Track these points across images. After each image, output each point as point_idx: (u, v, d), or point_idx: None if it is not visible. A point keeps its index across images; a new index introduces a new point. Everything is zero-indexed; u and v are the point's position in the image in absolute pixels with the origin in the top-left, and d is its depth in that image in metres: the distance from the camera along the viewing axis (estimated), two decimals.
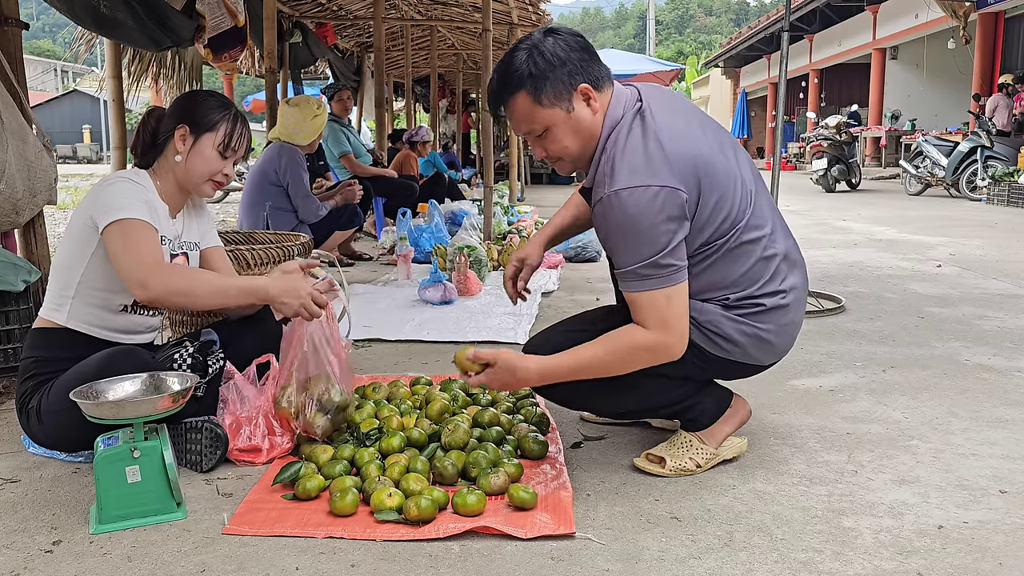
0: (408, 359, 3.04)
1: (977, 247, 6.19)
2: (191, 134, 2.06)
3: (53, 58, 44.19)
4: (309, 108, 4.70)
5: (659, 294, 1.71)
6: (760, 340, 1.86)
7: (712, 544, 1.60)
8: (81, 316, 2.01)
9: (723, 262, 1.81)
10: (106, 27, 4.11)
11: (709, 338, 1.83)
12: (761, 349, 1.87)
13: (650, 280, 1.71)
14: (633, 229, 1.68)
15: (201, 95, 2.14)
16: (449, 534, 1.61)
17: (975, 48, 14.84)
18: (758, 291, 1.84)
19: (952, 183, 11.25)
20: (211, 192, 2.12)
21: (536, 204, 10.01)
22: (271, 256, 2.68)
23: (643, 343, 1.74)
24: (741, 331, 1.84)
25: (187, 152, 2.06)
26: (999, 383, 2.69)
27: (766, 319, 1.85)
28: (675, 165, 1.71)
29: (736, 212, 1.80)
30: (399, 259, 4.77)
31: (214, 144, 2.06)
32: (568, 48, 1.76)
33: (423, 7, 9.02)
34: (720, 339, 1.83)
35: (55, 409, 1.89)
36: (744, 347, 1.85)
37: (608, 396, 1.92)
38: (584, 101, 1.78)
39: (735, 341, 1.84)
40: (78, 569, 1.51)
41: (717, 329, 1.83)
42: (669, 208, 1.68)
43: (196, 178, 2.07)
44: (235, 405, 2.04)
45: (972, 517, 1.72)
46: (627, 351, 1.75)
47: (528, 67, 1.74)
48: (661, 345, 1.73)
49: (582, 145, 1.81)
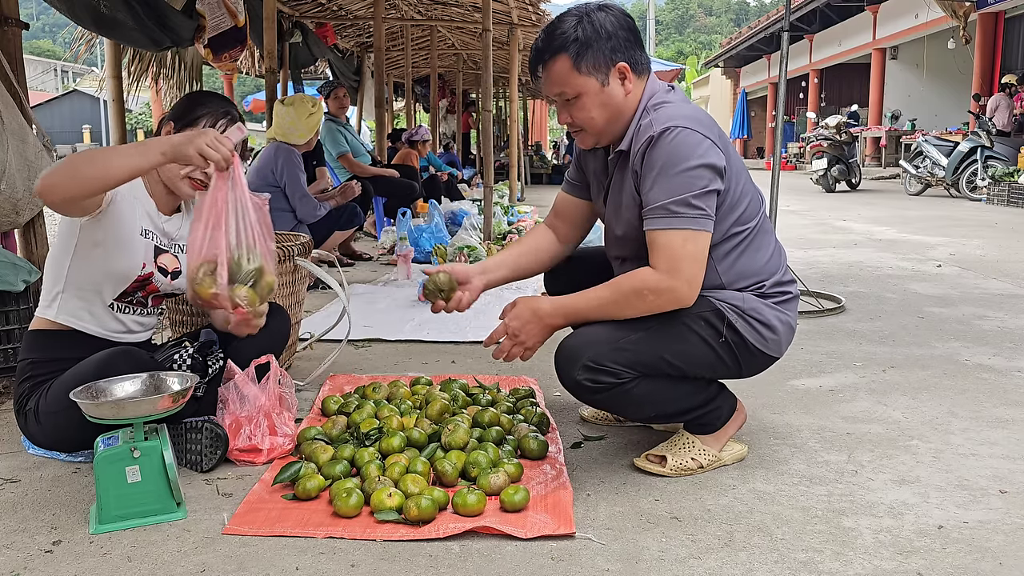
0: (408, 359, 3.04)
1: (977, 247, 6.18)
2: (174, 130, 2.02)
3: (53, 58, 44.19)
4: (304, 106, 4.69)
5: (677, 235, 1.74)
6: (790, 329, 1.93)
7: (712, 544, 1.60)
8: (71, 311, 1.99)
9: (751, 249, 1.88)
10: (106, 27, 4.11)
11: (753, 327, 1.85)
12: (788, 338, 1.94)
13: (676, 218, 1.74)
14: (675, 164, 1.75)
15: (199, 94, 2.12)
16: (449, 534, 1.61)
17: (975, 48, 14.84)
18: (782, 279, 1.93)
19: (952, 183, 11.25)
20: (189, 191, 2.04)
21: (536, 204, 10.01)
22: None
23: (650, 284, 1.76)
24: (779, 318, 1.89)
25: None
26: (999, 383, 2.69)
27: (791, 307, 1.93)
28: (714, 132, 1.81)
29: (755, 202, 1.90)
30: (399, 259, 4.77)
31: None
32: (617, 25, 1.83)
33: (423, 7, 9.02)
34: (763, 327, 1.86)
35: (53, 410, 1.89)
36: (780, 336, 1.90)
37: (644, 403, 1.88)
38: (620, 79, 1.84)
39: (774, 328, 1.88)
40: (78, 569, 1.51)
41: (761, 317, 1.86)
42: (711, 157, 1.76)
43: (172, 174, 2.01)
44: (235, 405, 2.04)
45: (972, 517, 1.72)
46: (633, 291, 1.78)
47: (576, 32, 1.80)
48: (667, 287, 1.75)
49: (607, 120, 1.87)
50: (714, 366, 1.88)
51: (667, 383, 1.86)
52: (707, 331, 1.84)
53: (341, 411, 2.27)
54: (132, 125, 30.30)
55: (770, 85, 25.91)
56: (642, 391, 1.83)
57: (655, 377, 1.84)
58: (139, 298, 2.07)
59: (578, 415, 2.36)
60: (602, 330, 1.82)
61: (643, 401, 1.86)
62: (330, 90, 6.50)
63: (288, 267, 2.74)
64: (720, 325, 1.84)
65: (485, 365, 2.93)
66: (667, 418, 2.02)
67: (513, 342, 1.88)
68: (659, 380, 1.85)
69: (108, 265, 1.97)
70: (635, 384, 1.81)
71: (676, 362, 1.83)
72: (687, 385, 1.90)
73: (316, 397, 2.52)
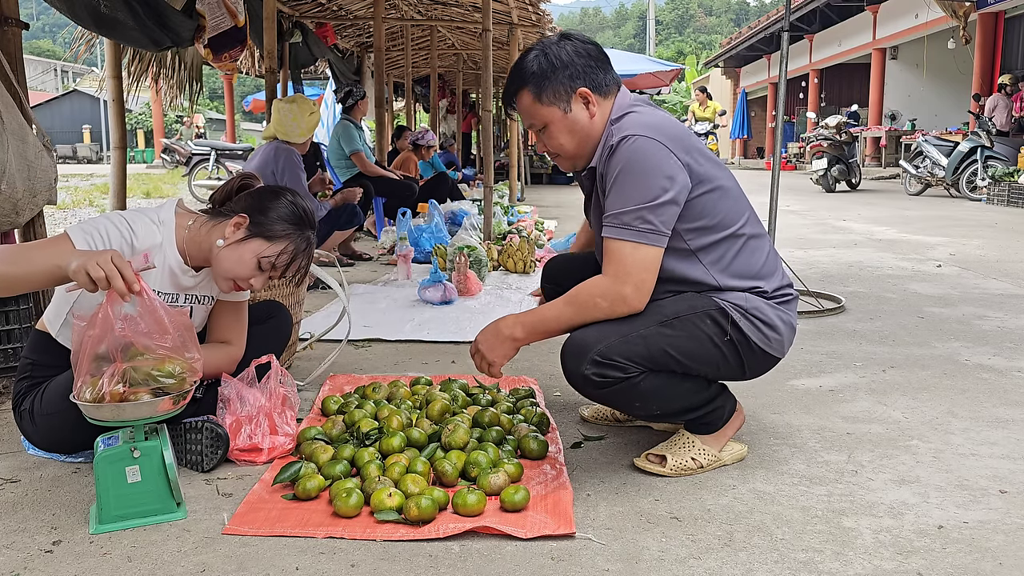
0: (408, 359, 3.04)
1: (977, 247, 6.18)
2: (246, 230, 1.92)
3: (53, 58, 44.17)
4: (306, 105, 4.70)
5: (627, 245, 1.78)
6: (792, 329, 1.95)
7: (712, 544, 1.60)
8: (67, 336, 1.92)
9: (747, 251, 1.90)
10: (106, 27, 4.11)
11: (756, 327, 1.87)
12: (789, 338, 1.96)
13: (626, 230, 1.78)
14: (632, 172, 1.78)
15: (287, 200, 1.98)
16: (449, 534, 1.61)
17: (975, 48, 14.84)
18: (781, 283, 1.95)
19: (952, 183, 11.25)
20: (227, 289, 1.96)
21: (536, 204, 10.02)
22: None
23: (600, 290, 1.81)
24: (780, 318, 1.91)
25: (229, 243, 1.91)
26: (999, 383, 2.69)
27: (792, 308, 1.96)
28: (679, 142, 1.83)
29: (737, 207, 1.92)
30: (399, 259, 4.77)
31: (259, 253, 1.91)
32: (574, 53, 1.88)
33: (423, 7, 9.02)
34: (766, 327, 1.88)
35: (47, 412, 1.89)
36: (782, 335, 1.92)
37: (650, 399, 1.88)
38: (583, 103, 1.89)
39: (777, 328, 1.90)
40: (78, 569, 1.51)
41: (763, 316, 1.88)
42: (669, 168, 1.79)
43: (221, 271, 1.93)
44: (236, 405, 2.04)
45: (972, 517, 1.72)
46: (585, 298, 1.83)
47: (534, 66, 1.88)
48: (615, 293, 1.79)
49: (577, 144, 1.93)
50: (719, 364, 1.89)
51: (672, 380, 1.87)
52: (712, 329, 1.85)
53: (341, 411, 2.27)
54: (132, 125, 30.29)
55: (770, 85, 25.91)
56: (648, 387, 1.83)
57: (660, 373, 1.84)
58: None
59: (578, 415, 2.36)
60: (609, 326, 1.82)
61: (648, 397, 1.86)
62: (359, 99, 6.39)
63: None
64: (725, 323, 1.85)
65: None
66: (670, 416, 2.02)
67: (480, 358, 1.96)
68: (664, 376, 1.85)
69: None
70: (642, 379, 1.81)
71: (682, 359, 1.84)
72: (691, 383, 1.91)
73: (316, 397, 2.52)
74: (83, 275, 1.58)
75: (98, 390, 1.61)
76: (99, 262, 1.58)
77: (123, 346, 1.63)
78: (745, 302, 1.87)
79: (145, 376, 1.65)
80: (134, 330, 1.64)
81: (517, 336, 1.92)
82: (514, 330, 1.91)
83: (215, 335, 2.13)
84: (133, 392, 1.63)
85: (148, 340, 1.65)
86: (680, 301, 1.87)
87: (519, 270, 4.94)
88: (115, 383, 1.61)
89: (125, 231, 1.85)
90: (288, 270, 1.98)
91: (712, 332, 1.85)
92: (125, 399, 1.62)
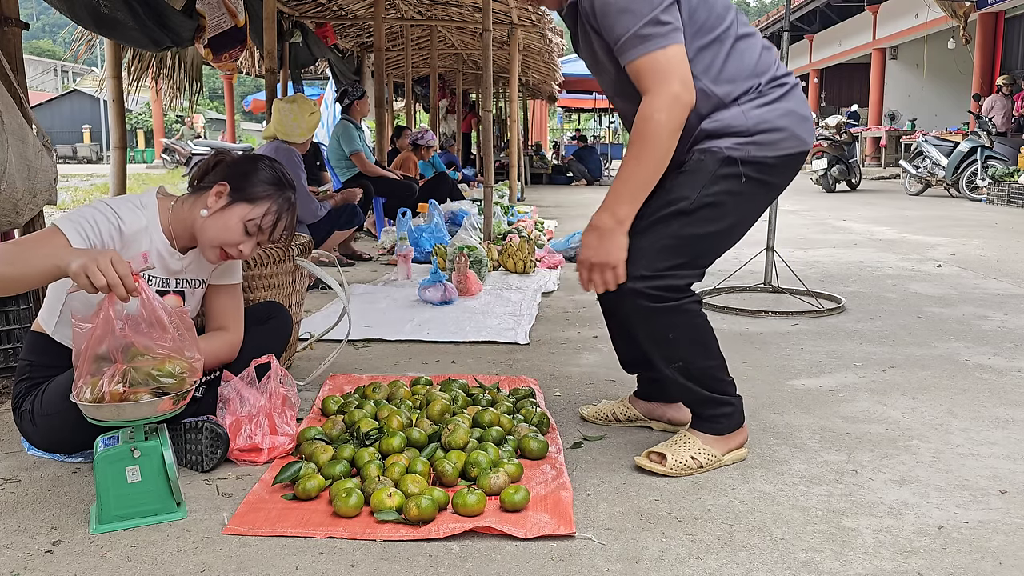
0: (408, 359, 3.03)
1: (977, 247, 6.18)
2: (227, 196, 1.94)
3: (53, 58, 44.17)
4: (307, 105, 4.70)
5: (659, 54, 1.75)
6: (797, 115, 1.89)
7: (712, 544, 1.60)
8: (64, 334, 1.95)
9: (736, 53, 1.86)
10: (106, 27, 4.11)
11: (764, 143, 1.84)
12: (803, 126, 1.90)
13: (650, 40, 1.74)
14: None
15: (264, 164, 2.02)
16: (449, 534, 1.61)
17: (975, 48, 14.84)
18: (777, 73, 1.91)
19: (952, 183, 11.25)
20: (215, 259, 1.97)
21: (536, 204, 10.02)
22: (271, 256, 2.68)
23: (649, 109, 1.75)
24: (781, 113, 1.87)
25: (213, 211, 1.93)
26: (999, 383, 2.69)
27: (793, 96, 1.91)
28: None
29: (722, 6, 1.88)
30: (399, 259, 4.77)
31: (243, 217, 1.94)
32: None
33: (423, 7, 9.02)
34: (776, 133, 1.85)
35: (47, 412, 1.89)
36: (791, 129, 1.87)
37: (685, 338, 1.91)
38: None
39: (782, 128, 1.86)
40: (78, 569, 1.51)
41: (767, 125, 1.85)
42: None
43: (208, 240, 1.94)
44: (235, 405, 2.04)
45: (972, 517, 1.72)
46: (642, 126, 1.76)
47: None
48: (666, 97, 1.74)
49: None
50: (754, 205, 1.89)
51: (710, 336, 1.93)
52: (730, 183, 1.84)
53: (341, 411, 2.27)
54: (132, 125, 30.28)
55: None
56: (690, 322, 1.88)
57: (702, 320, 1.91)
58: None
59: (578, 415, 2.36)
60: (638, 243, 1.83)
61: (686, 335, 1.89)
62: (357, 97, 6.39)
63: (288, 267, 2.74)
64: (737, 168, 1.84)
65: (485, 365, 2.93)
66: (691, 376, 1.95)
67: (599, 272, 1.83)
68: (705, 326, 1.92)
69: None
70: (690, 305, 1.87)
71: (722, 228, 1.86)
72: (721, 358, 1.96)
73: (316, 397, 2.52)
74: (84, 278, 1.58)
75: (98, 390, 1.62)
76: (100, 267, 1.57)
77: (123, 346, 1.63)
78: (745, 120, 1.84)
79: (145, 376, 1.64)
80: (135, 330, 1.64)
81: (607, 221, 1.80)
82: (608, 217, 1.80)
83: (212, 323, 2.14)
84: (133, 392, 1.63)
85: (148, 340, 1.65)
86: (684, 182, 1.85)
87: (519, 270, 4.94)
88: (115, 383, 1.61)
89: (112, 218, 1.86)
90: (275, 232, 2.00)
91: (731, 186, 1.84)
92: (125, 399, 1.63)
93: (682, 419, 2.21)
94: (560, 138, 28.70)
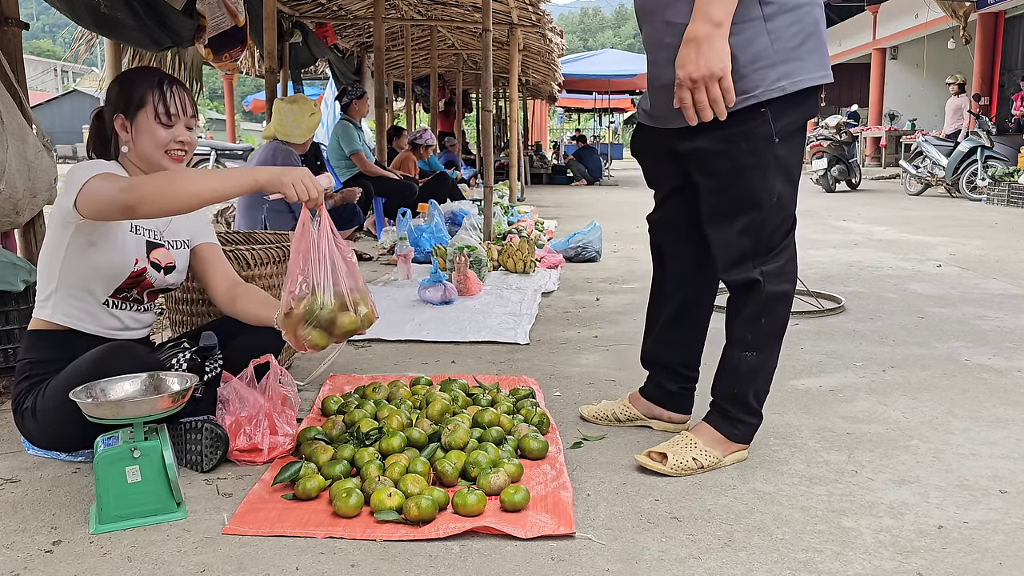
0: (408, 359, 3.03)
1: (977, 247, 6.19)
2: (127, 119, 2.01)
3: (53, 58, 44.16)
4: (307, 105, 4.70)
5: None
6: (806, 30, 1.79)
7: (712, 544, 1.60)
8: (65, 310, 1.99)
9: None
10: (106, 27, 4.11)
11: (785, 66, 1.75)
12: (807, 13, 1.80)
13: None
14: None
15: (125, 76, 2.08)
16: (449, 534, 1.61)
17: (975, 48, 14.84)
18: None
19: (952, 183, 11.25)
20: (173, 165, 2.05)
21: (536, 204, 10.02)
22: (271, 256, 2.68)
23: None
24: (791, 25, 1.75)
25: (131, 137, 2.02)
26: (999, 383, 2.69)
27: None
28: None
29: None
30: (399, 259, 4.77)
31: (151, 117, 2.01)
32: None
33: (423, 7, 9.02)
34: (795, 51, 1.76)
35: (50, 407, 1.89)
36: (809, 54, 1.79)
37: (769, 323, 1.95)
38: None
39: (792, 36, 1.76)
40: (78, 569, 1.51)
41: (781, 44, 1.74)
42: None
43: (151, 156, 2.02)
44: (235, 406, 2.04)
45: (972, 517, 1.72)
46: None
47: None
48: None
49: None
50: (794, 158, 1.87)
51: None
52: (773, 149, 1.81)
53: (341, 411, 2.27)
54: None
55: None
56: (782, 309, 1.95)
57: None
58: (134, 295, 2.07)
59: (578, 415, 2.36)
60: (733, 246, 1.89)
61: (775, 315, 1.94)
62: (356, 97, 6.40)
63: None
64: (769, 126, 1.78)
65: (485, 365, 2.93)
66: (753, 371, 1.97)
67: (695, 90, 1.69)
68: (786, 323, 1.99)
69: (100, 262, 1.97)
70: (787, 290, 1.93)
71: (784, 190, 1.87)
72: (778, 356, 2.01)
73: (316, 397, 2.52)
74: (293, 189, 1.82)
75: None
76: (305, 181, 1.83)
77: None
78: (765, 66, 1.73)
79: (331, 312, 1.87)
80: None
81: (714, 19, 1.64)
82: (702, 23, 1.65)
83: (225, 282, 2.22)
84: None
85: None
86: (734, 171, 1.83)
87: (519, 270, 4.94)
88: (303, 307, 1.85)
89: (103, 165, 1.95)
90: (179, 101, 2.03)
91: (774, 152, 1.81)
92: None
93: (682, 420, 2.21)
94: (560, 138, 28.68)
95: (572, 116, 39.16)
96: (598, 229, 5.72)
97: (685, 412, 2.22)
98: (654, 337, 2.23)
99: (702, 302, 2.17)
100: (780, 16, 1.75)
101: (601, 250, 5.67)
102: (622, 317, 3.73)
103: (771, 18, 1.74)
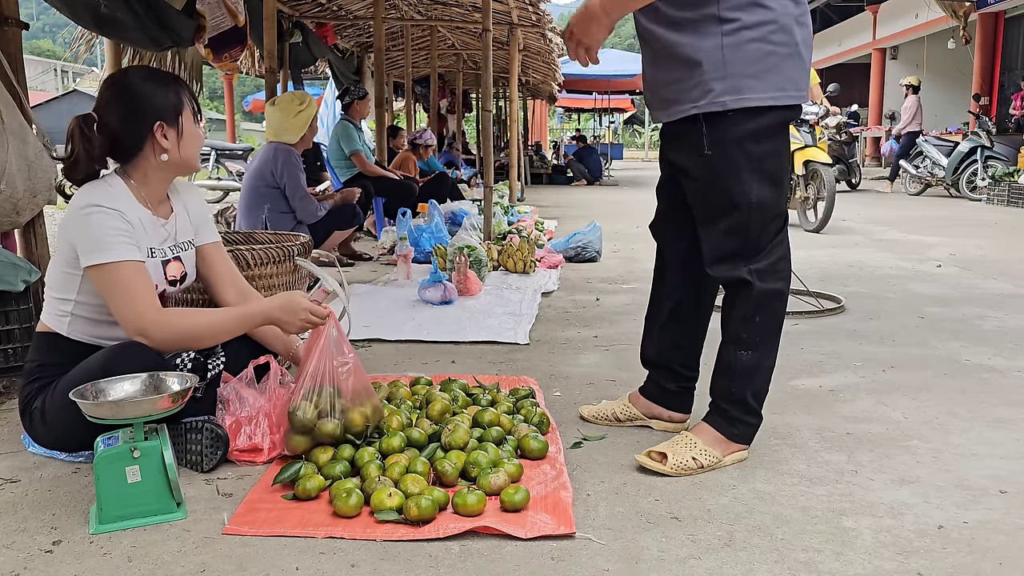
0: (408, 359, 3.03)
1: (977, 247, 6.18)
2: (170, 126, 2.01)
3: (53, 58, 44.11)
4: (291, 105, 4.68)
5: None
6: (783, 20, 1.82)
7: (712, 544, 1.60)
8: (83, 329, 2.00)
9: None
10: (106, 27, 4.11)
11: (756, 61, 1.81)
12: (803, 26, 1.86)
13: None
14: None
15: (134, 86, 2.00)
16: (449, 534, 1.61)
17: (975, 48, 14.85)
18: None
19: (952, 183, 11.25)
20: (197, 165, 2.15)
21: (536, 204, 10.02)
22: (271, 256, 2.68)
23: None
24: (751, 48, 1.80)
25: (176, 143, 2.02)
26: (999, 383, 2.69)
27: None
28: None
29: None
30: (399, 259, 4.77)
31: (192, 119, 2.06)
32: None
33: (423, 7, 9.02)
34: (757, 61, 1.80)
35: (59, 406, 1.88)
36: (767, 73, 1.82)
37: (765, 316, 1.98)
38: None
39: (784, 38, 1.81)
40: (78, 569, 1.51)
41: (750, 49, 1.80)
42: None
43: (192, 158, 2.07)
44: (235, 406, 2.04)
45: (972, 517, 1.72)
46: None
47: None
48: None
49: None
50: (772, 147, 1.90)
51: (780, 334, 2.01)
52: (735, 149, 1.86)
53: None
54: None
55: None
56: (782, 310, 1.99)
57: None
58: None
59: (578, 415, 2.36)
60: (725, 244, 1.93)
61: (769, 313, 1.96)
62: (358, 97, 6.39)
63: (288, 267, 2.74)
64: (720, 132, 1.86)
65: (485, 365, 2.93)
66: (749, 369, 1.98)
67: (575, 43, 1.93)
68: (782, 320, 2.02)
69: None
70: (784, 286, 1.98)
71: (762, 192, 1.89)
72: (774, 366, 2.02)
73: None
74: (303, 326, 2.02)
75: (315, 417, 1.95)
76: (306, 319, 2.01)
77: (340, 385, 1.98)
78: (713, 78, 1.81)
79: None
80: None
81: (606, 9, 1.86)
82: (598, 5, 1.86)
83: (228, 286, 2.23)
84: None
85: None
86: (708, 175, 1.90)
87: (519, 270, 4.94)
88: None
89: (113, 215, 1.92)
90: (194, 100, 2.10)
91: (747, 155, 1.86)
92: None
93: (682, 419, 2.21)
94: (560, 138, 28.68)
95: (572, 116, 39.16)
96: (598, 229, 5.73)
97: (685, 411, 2.23)
98: (654, 337, 2.24)
99: (701, 302, 2.18)
100: (740, 32, 1.80)
101: (601, 250, 5.67)
102: (622, 317, 3.73)
103: (730, 34, 1.80)
